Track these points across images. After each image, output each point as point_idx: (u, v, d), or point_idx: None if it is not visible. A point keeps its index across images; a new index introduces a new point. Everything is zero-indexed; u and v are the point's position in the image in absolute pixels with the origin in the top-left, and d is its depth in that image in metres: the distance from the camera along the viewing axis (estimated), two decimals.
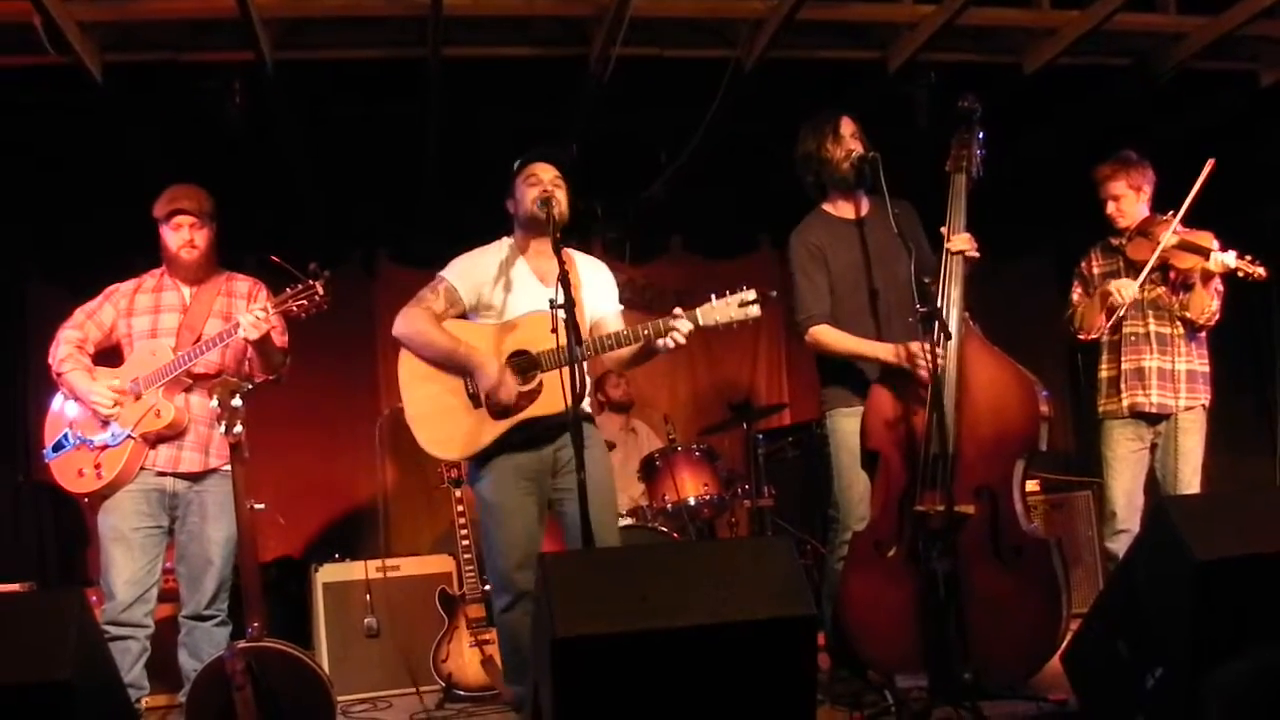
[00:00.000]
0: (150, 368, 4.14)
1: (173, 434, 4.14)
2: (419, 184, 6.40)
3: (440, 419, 3.97)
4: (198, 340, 4.16)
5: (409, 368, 4.08)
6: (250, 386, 3.97)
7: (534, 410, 3.84)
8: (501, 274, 4.00)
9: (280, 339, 4.24)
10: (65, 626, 2.87)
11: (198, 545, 4.16)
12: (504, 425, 3.86)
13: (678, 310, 3.74)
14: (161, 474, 4.15)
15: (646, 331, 3.77)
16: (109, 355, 4.32)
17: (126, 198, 4.46)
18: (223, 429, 3.76)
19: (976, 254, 4.13)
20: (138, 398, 4.12)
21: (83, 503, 4.24)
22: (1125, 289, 4.64)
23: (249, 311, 4.01)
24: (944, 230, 4.15)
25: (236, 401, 3.77)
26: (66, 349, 4.24)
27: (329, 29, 4.89)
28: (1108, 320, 4.69)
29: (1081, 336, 4.85)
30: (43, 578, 5.86)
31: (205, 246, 4.27)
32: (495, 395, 3.82)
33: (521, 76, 5.31)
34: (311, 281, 4.02)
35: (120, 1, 4.61)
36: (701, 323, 3.73)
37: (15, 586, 5.14)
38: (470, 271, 4.05)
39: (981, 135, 4.24)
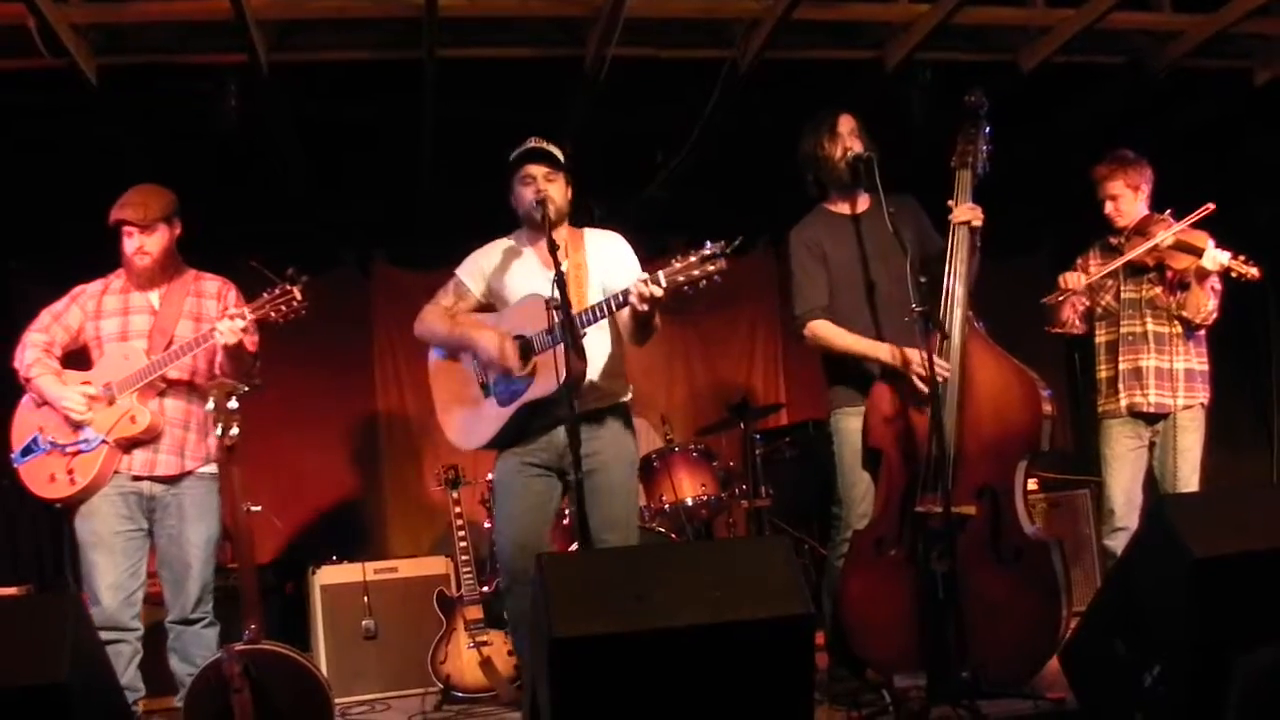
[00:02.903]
0: (123, 372, 4.07)
1: (148, 439, 4.08)
2: (414, 185, 6.39)
3: (458, 411, 4.09)
4: (169, 342, 4.11)
5: (432, 364, 4.20)
6: (246, 389, 3.93)
7: (530, 393, 3.87)
8: (508, 263, 4.08)
9: (250, 342, 4.12)
10: (61, 629, 2.86)
11: (177, 549, 4.11)
12: (507, 412, 3.92)
13: (641, 274, 3.69)
14: (138, 478, 4.10)
15: (614, 301, 3.72)
16: (75, 357, 4.24)
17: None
18: (219, 431, 3.73)
19: (980, 222, 4.14)
20: (111, 402, 4.06)
21: (55, 508, 4.16)
22: (1073, 279, 4.72)
23: (228, 317, 3.95)
24: (950, 204, 4.15)
25: (233, 404, 3.75)
26: (34, 353, 4.16)
27: (323, 31, 4.88)
28: (1076, 320, 4.78)
29: (1048, 329, 4.90)
30: (39, 581, 5.85)
31: (159, 252, 4.17)
32: (498, 361, 3.87)
33: (516, 77, 5.31)
34: (289, 286, 3.94)
35: (114, 4, 4.60)
36: (664, 283, 3.60)
37: (11, 590, 5.13)
38: (478, 266, 4.14)
39: (988, 131, 4.24)
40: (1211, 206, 4.59)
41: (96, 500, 4.06)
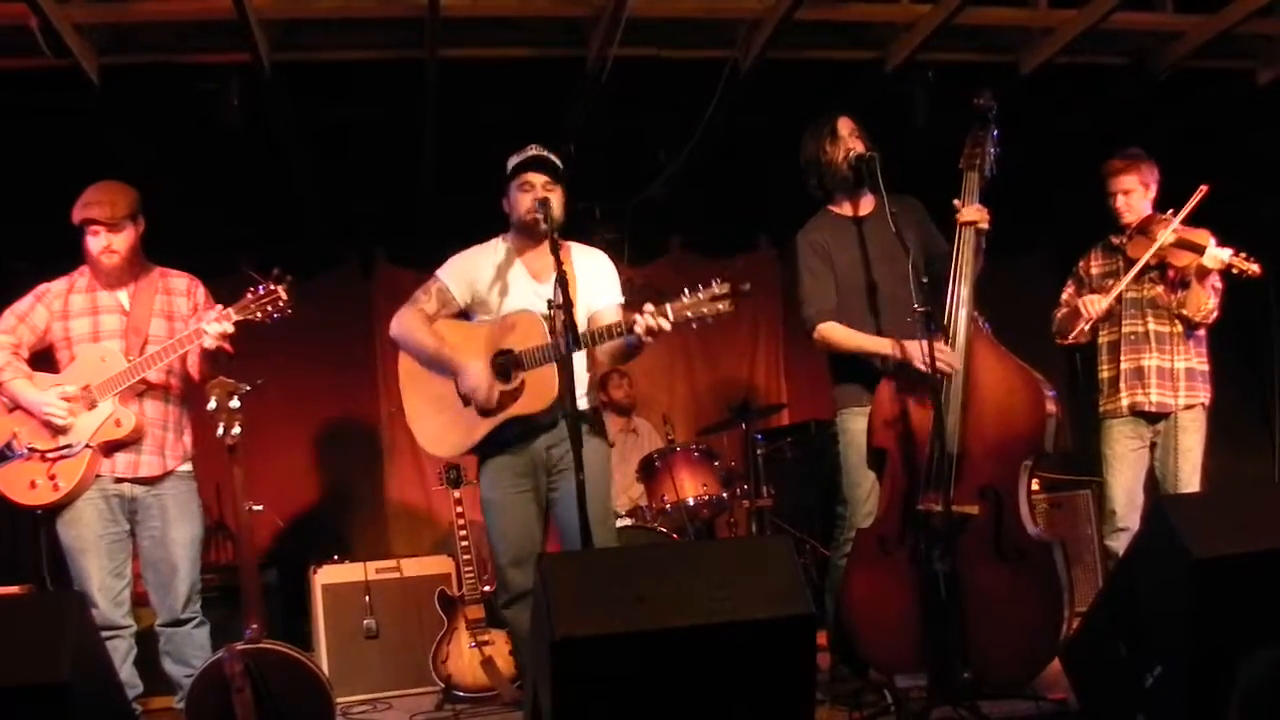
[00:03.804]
0: (102, 374, 4.01)
1: (131, 441, 4.04)
2: (416, 185, 6.40)
3: (435, 417, 4.03)
4: (145, 341, 4.07)
5: (406, 367, 4.14)
6: (248, 388, 3.91)
7: (516, 409, 3.88)
8: (497, 273, 4.03)
9: (228, 344, 4.05)
10: (63, 628, 2.86)
11: (162, 551, 4.07)
12: (491, 423, 3.91)
13: (648, 306, 3.70)
14: (120, 480, 4.05)
15: (619, 330, 3.76)
16: (38, 358, 4.17)
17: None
18: (220, 431, 3.73)
19: (987, 224, 4.13)
20: (91, 406, 4.00)
21: (35, 514, 4.07)
22: (1094, 304, 4.71)
23: (215, 320, 3.92)
24: (956, 203, 4.15)
25: (235, 403, 3.75)
26: (3, 355, 4.07)
27: (326, 30, 4.88)
28: (1084, 331, 4.76)
29: (1059, 341, 4.90)
30: (41, 580, 5.85)
31: (126, 250, 4.09)
32: (475, 397, 3.89)
33: (519, 77, 5.31)
34: (274, 286, 3.93)
35: (117, 3, 4.60)
36: (672, 318, 3.66)
37: (14, 589, 5.12)
38: (464, 271, 4.08)
39: (996, 134, 4.24)
40: (1205, 189, 4.61)
41: (80, 505, 4.01)
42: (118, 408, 4.02)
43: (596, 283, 4.08)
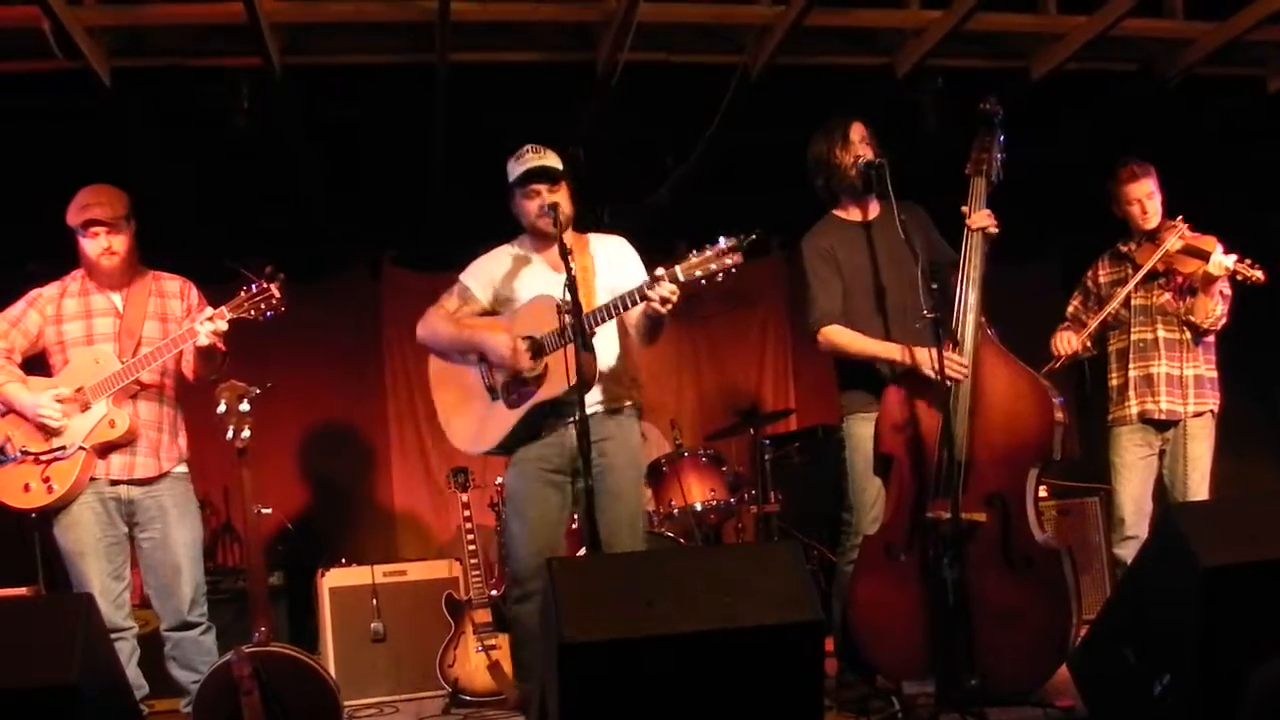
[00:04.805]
0: (95, 376, 4.01)
1: (126, 442, 4.03)
2: (426, 189, 6.40)
3: (464, 415, 4.03)
4: (138, 344, 4.07)
5: (434, 370, 4.14)
6: (258, 391, 3.91)
7: (542, 394, 3.83)
8: (515, 269, 4.04)
9: (221, 342, 4.04)
10: (72, 630, 2.88)
11: (163, 553, 4.05)
12: (518, 413, 3.88)
13: (659, 270, 3.63)
14: (115, 482, 4.04)
15: (629, 299, 3.68)
16: (30, 362, 4.17)
17: (132, 202, 4.45)
18: (230, 434, 3.73)
19: (996, 229, 4.13)
20: (85, 408, 4.00)
21: (29, 518, 4.07)
22: (1061, 343, 4.78)
23: (209, 319, 3.91)
24: (964, 209, 4.15)
25: (244, 406, 3.75)
26: None
27: (336, 34, 4.89)
28: (1063, 362, 4.81)
29: (1056, 365, 4.85)
30: (49, 583, 5.86)
31: (125, 251, 4.10)
32: (510, 362, 3.82)
33: (528, 82, 5.32)
34: (266, 284, 3.92)
35: (129, 6, 4.62)
36: (682, 279, 3.58)
37: (22, 591, 5.13)
38: (484, 270, 4.10)
39: (1002, 139, 4.24)
40: (1180, 220, 4.66)
41: (76, 509, 4.00)
42: (111, 409, 4.01)
43: (619, 267, 4.06)
